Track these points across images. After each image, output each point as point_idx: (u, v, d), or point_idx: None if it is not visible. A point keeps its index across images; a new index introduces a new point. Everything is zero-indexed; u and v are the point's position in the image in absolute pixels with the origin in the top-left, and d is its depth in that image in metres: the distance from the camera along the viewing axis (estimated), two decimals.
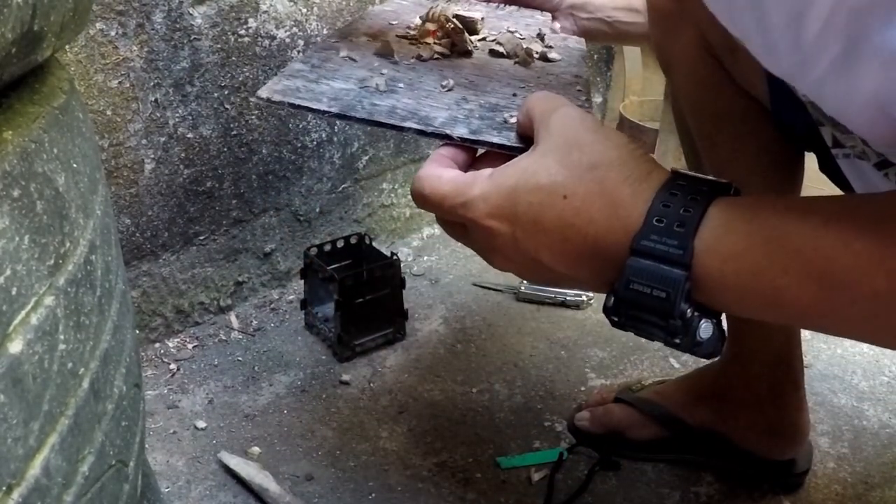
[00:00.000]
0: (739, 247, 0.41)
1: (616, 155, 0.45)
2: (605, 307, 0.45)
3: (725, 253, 0.41)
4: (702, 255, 0.41)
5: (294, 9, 1.11)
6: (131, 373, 0.52)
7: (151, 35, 0.99)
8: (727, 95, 0.76)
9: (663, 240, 0.42)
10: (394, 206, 1.38)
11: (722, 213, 0.42)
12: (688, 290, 0.42)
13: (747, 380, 0.87)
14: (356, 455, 0.95)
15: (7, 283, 0.35)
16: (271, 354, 1.13)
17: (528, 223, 0.46)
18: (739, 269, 0.41)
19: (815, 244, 0.39)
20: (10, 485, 0.35)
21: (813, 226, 0.39)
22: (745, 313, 0.43)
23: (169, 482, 0.91)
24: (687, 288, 0.42)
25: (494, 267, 0.52)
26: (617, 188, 0.44)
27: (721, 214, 0.42)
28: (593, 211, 0.44)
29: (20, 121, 0.40)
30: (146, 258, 1.09)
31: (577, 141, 0.47)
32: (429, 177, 0.51)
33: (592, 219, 0.44)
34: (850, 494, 0.90)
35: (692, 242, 0.41)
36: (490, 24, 0.87)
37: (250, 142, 1.14)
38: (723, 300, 0.43)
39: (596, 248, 0.44)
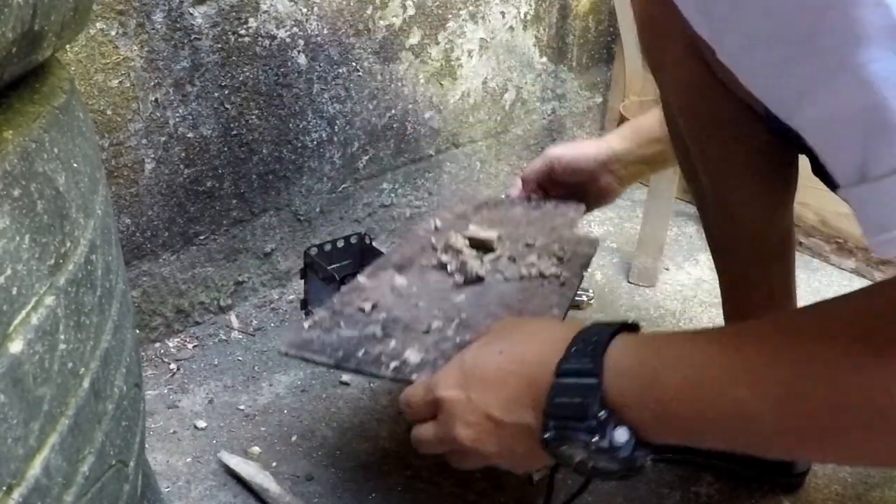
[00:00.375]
0: (634, 365, 0.50)
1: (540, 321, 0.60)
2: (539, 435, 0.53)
3: (624, 369, 0.50)
4: (609, 370, 0.50)
5: (294, 9, 1.11)
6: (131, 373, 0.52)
7: (152, 35, 0.99)
8: (718, 99, 0.76)
9: (580, 359, 0.51)
10: (394, 206, 1.38)
11: (623, 340, 0.52)
12: (601, 396, 0.50)
13: None
14: (356, 455, 0.95)
15: (7, 282, 0.35)
16: (271, 354, 1.13)
17: (476, 382, 0.56)
18: (633, 384, 0.50)
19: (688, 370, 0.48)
20: (10, 485, 0.35)
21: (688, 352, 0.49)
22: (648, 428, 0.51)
23: (169, 482, 0.91)
24: (600, 394, 0.50)
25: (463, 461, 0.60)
26: (543, 334, 0.57)
27: (623, 341, 0.52)
28: (525, 355, 0.56)
29: (21, 120, 0.40)
30: (146, 258, 1.09)
31: (509, 322, 0.64)
32: (407, 389, 0.64)
33: (525, 360, 0.55)
34: (850, 494, 0.90)
35: (601, 359, 0.50)
36: (517, 231, 0.94)
37: (250, 142, 1.14)
38: (630, 415, 0.50)
39: (530, 382, 0.53)
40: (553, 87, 1.58)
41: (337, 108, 1.22)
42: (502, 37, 1.43)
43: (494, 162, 1.54)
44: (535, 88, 1.55)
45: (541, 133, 1.61)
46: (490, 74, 1.44)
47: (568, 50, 1.57)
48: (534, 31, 1.48)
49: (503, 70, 1.46)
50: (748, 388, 0.45)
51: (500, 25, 1.41)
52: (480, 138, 1.48)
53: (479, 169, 1.51)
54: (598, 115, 1.69)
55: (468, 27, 1.36)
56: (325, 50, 1.17)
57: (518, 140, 1.57)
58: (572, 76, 1.60)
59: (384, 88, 1.27)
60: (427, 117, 1.36)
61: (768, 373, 0.44)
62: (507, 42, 1.44)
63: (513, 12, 1.43)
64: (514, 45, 1.46)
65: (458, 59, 1.37)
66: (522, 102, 1.53)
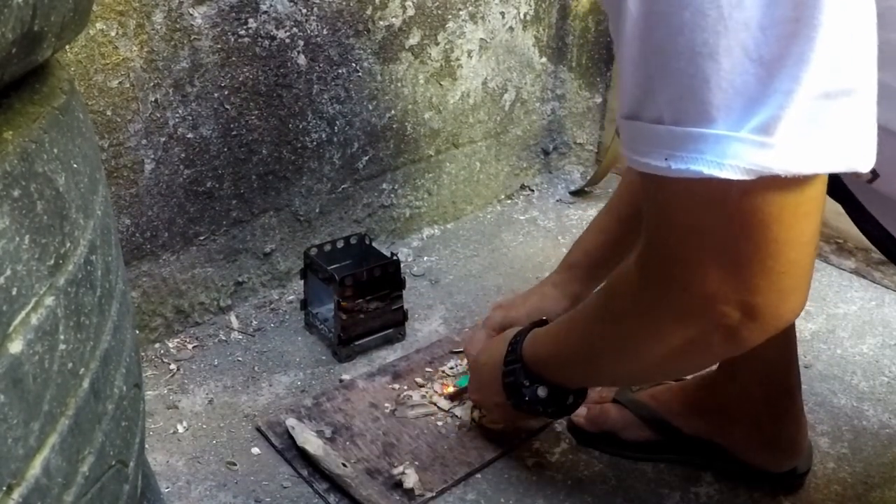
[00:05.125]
0: (538, 342, 0.81)
1: (497, 338, 0.91)
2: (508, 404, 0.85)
3: (528, 351, 0.82)
4: (526, 353, 0.82)
5: (294, 9, 1.11)
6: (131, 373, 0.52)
7: (151, 35, 0.99)
8: None
9: (511, 355, 0.83)
10: (394, 206, 1.38)
11: (529, 335, 0.83)
12: (524, 371, 0.81)
13: (742, 394, 0.86)
14: None
15: (7, 283, 0.35)
16: (271, 354, 1.13)
17: (476, 366, 0.94)
18: (533, 358, 0.81)
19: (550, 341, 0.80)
20: (10, 485, 0.35)
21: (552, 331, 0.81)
22: (557, 375, 0.80)
23: (169, 482, 0.91)
24: (523, 370, 0.81)
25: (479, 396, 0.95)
26: (497, 346, 0.87)
27: (529, 336, 0.83)
28: (491, 359, 0.87)
29: (20, 121, 0.40)
30: (146, 258, 1.09)
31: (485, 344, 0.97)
32: (468, 337, 1.06)
33: (492, 360, 0.87)
34: (850, 494, 0.90)
35: (520, 350, 0.82)
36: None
37: (250, 142, 1.14)
38: (545, 371, 0.80)
39: (495, 372, 0.85)
40: (553, 87, 1.58)
41: (337, 109, 1.22)
42: (502, 37, 1.43)
43: (494, 162, 1.54)
44: (535, 89, 1.55)
45: (541, 133, 1.61)
46: (490, 75, 1.44)
47: (568, 50, 1.57)
48: (534, 32, 1.48)
49: (503, 70, 1.46)
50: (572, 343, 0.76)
51: (499, 26, 1.41)
52: (480, 138, 1.48)
53: (479, 169, 1.51)
54: (597, 115, 1.69)
55: (468, 27, 1.36)
56: (324, 50, 1.17)
57: (518, 140, 1.57)
58: (572, 76, 1.60)
59: (384, 89, 1.27)
60: (427, 117, 1.36)
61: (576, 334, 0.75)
62: (506, 42, 1.44)
63: (513, 12, 1.43)
64: (514, 45, 1.46)
65: (458, 60, 1.37)
66: (522, 103, 1.53)
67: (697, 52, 0.46)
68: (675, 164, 0.48)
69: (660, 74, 0.49)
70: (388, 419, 0.99)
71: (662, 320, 0.59)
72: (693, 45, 0.46)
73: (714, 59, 0.46)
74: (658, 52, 0.48)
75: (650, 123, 0.50)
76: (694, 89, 0.47)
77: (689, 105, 0.47)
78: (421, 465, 0.92)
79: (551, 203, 1.59)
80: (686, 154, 0.47)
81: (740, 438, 0.88)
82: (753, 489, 0.90)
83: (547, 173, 1.66)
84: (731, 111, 0.46)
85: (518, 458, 0.94)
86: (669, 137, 0.48)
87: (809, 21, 0.44)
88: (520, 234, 1.47)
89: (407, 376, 1.07)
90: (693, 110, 0.47)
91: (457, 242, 1.44)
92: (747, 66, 0.45)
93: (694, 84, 0.47)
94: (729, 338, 0.55)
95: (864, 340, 1.16)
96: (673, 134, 0.48)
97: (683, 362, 0.66)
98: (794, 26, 0.44)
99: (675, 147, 0.48)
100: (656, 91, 0.49)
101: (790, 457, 0.89)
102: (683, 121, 0.48)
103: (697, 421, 0.90)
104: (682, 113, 0.48)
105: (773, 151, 0.46)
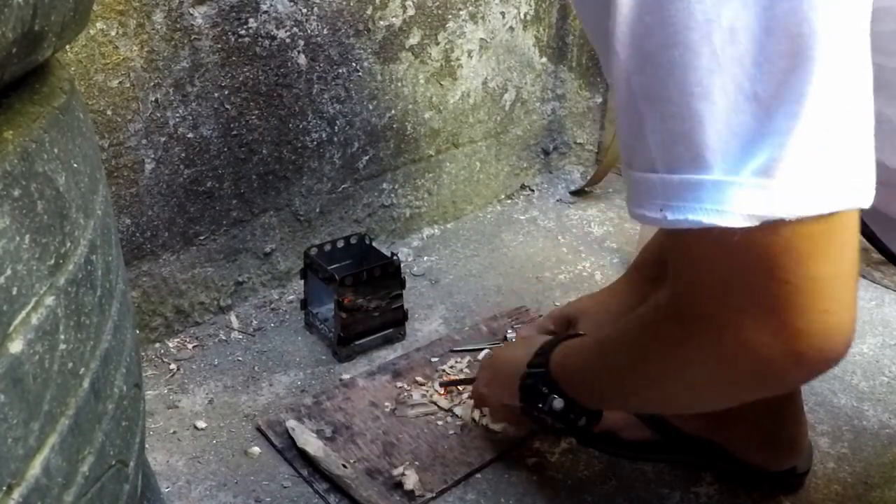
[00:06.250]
0: (569, 354, 0.77)
1: (523, 341, 0.92)
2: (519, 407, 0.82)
3: (557, 361, 0.77)
4: (553, 362, 0.77)
5: (294, 9, 1.11)
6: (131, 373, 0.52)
7: (152, 35, 0.99)
8: None
9: (537, 359, 0.79)
10: (394, 206, 1.38)
11: (562, 344, 0.79)
12: (546, 379, 0.77)
13: None
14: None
15: (7, 282, 0.35)
16: (271, 354, 1.13)
17: (494, 362, 0.92)
18: (568, 367, 0.76)
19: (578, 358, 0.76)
20: (10, 485, 0.35)
21: (584, 348, 0.77)
22: (579, 391, 0.76)
23: (169, 482, 0.91)
24: (545, 377, 0.77)
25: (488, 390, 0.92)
26: (522, 347, 0.85)
27: (562, 345, 0.79)
28: (514, 357, 0.84)
29: (21, 121, 0.40)
30: (146, 258, 1.09)
31: (504, 348, 0.99)
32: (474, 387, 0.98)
33: (514, 359, 0.83)
34: (850, 494, 0.90)
35: (549, 357, 0.78)
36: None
37: (250, 142, 1.14)
38: (567, 384, 0.76)
39: (515, 372, 0.81)
40: (553, 87, 1.58)
41: (337, 109, 1.22)
42: (502, 37, 1.43)
43: (494, 162, 1.54)
44: (535, 88, 1.55)
45: (541, 133, 1.61)
46: (490, 74, 1.44)
47: (568, 50, 1.57)
48: (534, 31, 1.48)
49: (503, 70, 1.46)
50: (601, 365, 0.72)
51: (499, 25, 1.41)
52: (480, 138, 1.48)
53: (479, 169, 1.51)
54: (598, 115, 1.69)
55: (468, 27, 1.36)
56: (325, 50, 1.17)
57: (518, 140, 1.57)
58: (572, 76, 1.60)
59: (384, 88, 1.27)
60: (427, 117, 1.36)
61: (607, 358, 0.70)
62: (507, 42, 1.44)
63: (513, 12, 1.43)
64: (514, 45, 1.46)
65: (458, 60, 1.37)
66: (522, 102, 1.53)
67: (690, 93, 0.44)
68: (671, 215, 0.46)
69: (651, 119, 0.46)
70: (388, 418, 0.99)
71: (700, 363, 0.55)
72: (685, 85, 0.44)
73: (708, 99, 0.43)
74: (648, 96, 0.46)
75: (643, 172, 0.47)
76: (687, 133, 0.44)
77: (683, 150, 0.45)
78: (421, 465, 0.92)
79: (551, 203, 1.59)
80: (683, 203, 0.45)
81: (740, 437, 0.88)
82: (753, 489, 0.90)
83: (547, 173, 1.66)
84: (728, 154, 0.44)
85: (518, 458, 0.94)
86: (663, 186, 0.46)
87: (805, 54, 0.42)
88: (520, 234, 1.47)
89: (407, 375, 1.07)
90: (687, 155, 0.45)
91: (457, 242, 1.44)
92: (743, 105, 0.43)
93: (687, 127, 0.44)
94: (777, 383, 0.52)
95: (865, 340, 1.16)
96: (667, 182, 0.46)
97: (722, 400, 0.62)
98: (791, 61, 0.42)
99: (669, 196, 0.46)
100: (648, 137, 0.46)
101: (790, 456, 0.89)
102: (677, 167, 0.45)
103: (697, 420, 0.90)
104: (676, 159, 0.45)
105: (775, 195, 0.43)
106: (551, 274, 1.34)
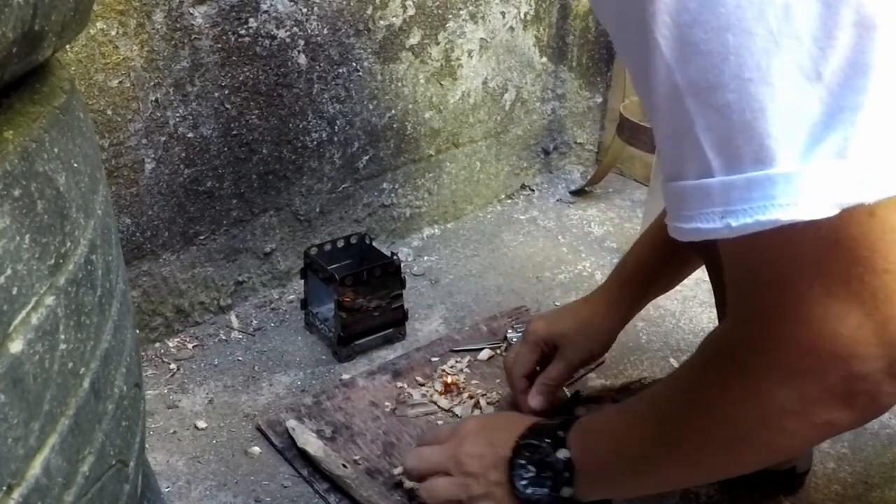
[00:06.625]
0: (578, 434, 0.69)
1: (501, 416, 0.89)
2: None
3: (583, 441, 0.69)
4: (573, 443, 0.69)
5: (294, 9, 1.11)
6: (131, 373, 0.52)
7: (152, 34, 0.99)
8: None
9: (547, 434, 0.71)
10: (394, 206, 1.38)
11: (584, 421, 0.71)
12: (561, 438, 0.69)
13: None
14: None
15: (8, 282, 0.35)
16: (271, 354, 1.13)
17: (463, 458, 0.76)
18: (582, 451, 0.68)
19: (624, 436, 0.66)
20: (10, 485, 0.35)
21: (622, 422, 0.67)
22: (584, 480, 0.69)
23: (169, 482, 0.91)
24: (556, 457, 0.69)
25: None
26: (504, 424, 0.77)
27: (583, 421, 0.71)
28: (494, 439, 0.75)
29: (21, 120, 0.40)
30: (146, 258, 1.09)
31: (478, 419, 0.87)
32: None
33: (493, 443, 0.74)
34: (850, 494, 0.90)
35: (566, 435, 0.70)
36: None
37: (250, 141, 1.14)
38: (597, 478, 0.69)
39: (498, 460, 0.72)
40: (553, 87, 1.58)
41: (337, 108, 1.22)
42: (502, 37, 1.43)
43: (494, 162, 1.54)
44: (535, 88, 1.55)
45: (541, 133, 1.61)
46: (490, 74, 1.44)
47: (568, 50, 1.57)
48: (534, 31, 1.48)
49: (503, 70, 1.46)
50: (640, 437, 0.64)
51: (500, 25, 1.41)
52: (480, 138, 1.48)
53: (479, 169, 1.51)
54: (598, 115, 1.69)
55: (468, 27, 1.36)
56: (325, 50, 1.17)
57: (518, 140, 1.57)
58: (572, 76, 1.60)
59: (384, 88, 1.27)
60: (427, 117, 1.36)
61: (656, 432, 0.62)
62: (507, 42, 1.44)
63: (513, 12, 1.42)
64: (514, 45, 1.46)
65: (458, 59, 1.37)
66: (522, 102, 1.53)
67: (748, 79, 0.40)
68: (736, 221, 0.41)
69: (702, 116, 0.42)
70: (388, 418, 0.99)
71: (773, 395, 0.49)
72: (741, 71, 0.40)
73: (768, 83, 0.40)
74: (698, 90, 0.42)
75: (696, 180, 0.43)
76: (748, 123, 0.40)
77: (744, 144, 0.41)
78: None
79: (551, 203, 1.59)
80: (749, 205, 0.41)
81: None
82: (753, 489, 0.90)
83: (547, 173, 1.66)
84: (795, 141, 0.40)
85: None
86: (723, 190, 0.42)
87: (866, 22, 0.39)
88: (520, 234, 1.47)
89: (407, 375, 1.07)
90: (749, 149, 0.41)
91: (457, 242, 1.44)
92: (806, 86, 0.39)
93: (747, 117, 0.40)
94: (869, 401, 0.46)
95: None
96: (727, 185, 0.41)
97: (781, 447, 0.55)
98: (852, 31, 0.39)
99: (731, 200, 0.41)
100: (700, 137, 0.42)
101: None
102: (739, 166, 0.41)
103: None
104: (737, 156, 0.41)
105: (854, 177, 0.40)
106: (551, 274, 1.34)
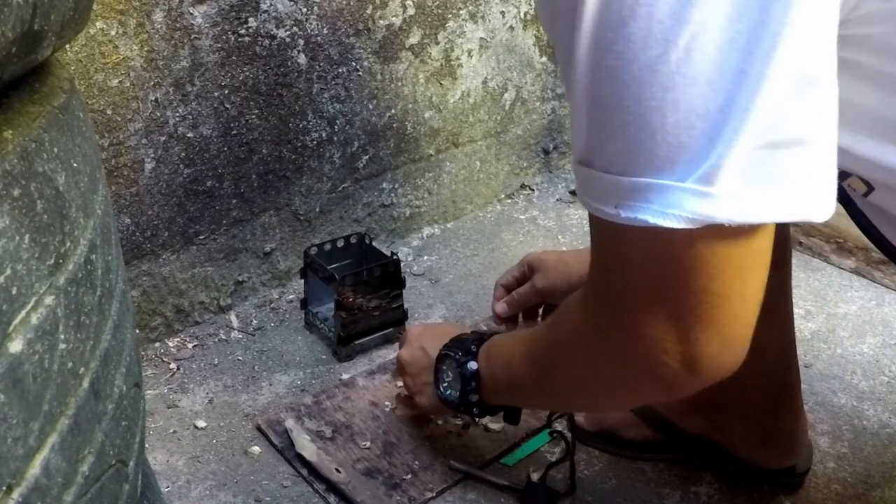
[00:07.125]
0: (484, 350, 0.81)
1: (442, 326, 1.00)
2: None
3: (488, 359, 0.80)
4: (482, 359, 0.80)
5: (294, 8, 1.11)
6: (131, 372, 0.52)
7: (152, 34, 0.99)
8: None
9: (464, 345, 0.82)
10: (394, 205, 1.38)
11: (490, 343, 0.81)
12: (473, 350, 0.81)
13: (741, 390, 0.86)
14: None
15: (7, 282, 0.35)
16: (271, 354, 1.13)
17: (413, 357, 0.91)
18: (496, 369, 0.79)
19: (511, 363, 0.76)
20: (10, 484, 0.35)
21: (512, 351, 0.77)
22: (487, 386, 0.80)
23: (169, 482, 0.91)
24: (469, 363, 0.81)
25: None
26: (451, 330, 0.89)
27: (490, 343, 0.81)
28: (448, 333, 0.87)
29: (20, 120, 0.40)
30: (146, 257, 1.09)
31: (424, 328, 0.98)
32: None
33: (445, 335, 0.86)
34: (850, 494, 0.90)
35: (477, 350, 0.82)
36: None
37: (250, 141, 1.14)
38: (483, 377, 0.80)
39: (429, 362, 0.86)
40: (553, 86, 1.58)
41: (337, 108, 1.22)
42: (502, 36, 1.43)
43: (494, 162, 1.54)
44: (535, 88, 1.55)
45: (541, 132, 1.61)
46: (490, 74, 1.44)
47: None
48: (534, 31, 1.48)
49: (503, 70, 1.46)
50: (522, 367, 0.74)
51: (499, 25, 1.41)
52: (480, 138, 1.48)
53: (478, 169, 1.51)
54: None
55: (468, 27, 1.36)
56: (325, 50, 1.17)
57: (518, 140, 1.57)
58: None
59: (384, 88, 1.27)
60: (427, 117, 1.36)
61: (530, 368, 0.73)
62: (507, 42, 1.44)
63: (513, 12, 1.42)
64: (514, 44, 1.46)
65: (458, 59, 1.37)
66: (522, 102, 1.53)
67: (645, 106, 0.47)
68: (624, 213, 0.49)
69: (609, 126, 0.49)
70: (388, 418, 0.99)
71: (603, 360, 0.60)
72: (641, 99, 0.47)
73: (661, 112, 0.46)
74: (607, 105, 0.49)
75: (601, 172, 0.51)
76: (641, 142, 0.48)
77: (637, 157, 0.48)
78: (421, 465, 0.92)
79: (551, 202, 1.59)
80: (634, 203, 0.48)
81: (740, 435, 0.88)
82: (753, 489, 0.90)
83: (547, 172, 1.66)
84: (676, 164, 0.47)
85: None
86: (618, 187, 0.49)
87: (757, 72, 0.44)
88: (520, 234, 1.47)
89: None
90: (640, 163, 0.48)
91: (457, 242, 1.44)
92: (693, 121, 0.46)
93: (641, 137, 0.47)
94: (665, 387, 0.57)
95: (865, 340, 1.16)
96: (621, 184, 0.49)
97: (615, 401, 0.69)
98: (741, 78, 0.45)
99: (623, 196, 0.49)
100: (605, 142, 0.50)
101: (789, 453, 0.89)
102: (631, 172, 0.49)
103: (697, 418, 0.90)
104: (630, 164, 0.49)
105: (714, 200, 0.46)
106: None
